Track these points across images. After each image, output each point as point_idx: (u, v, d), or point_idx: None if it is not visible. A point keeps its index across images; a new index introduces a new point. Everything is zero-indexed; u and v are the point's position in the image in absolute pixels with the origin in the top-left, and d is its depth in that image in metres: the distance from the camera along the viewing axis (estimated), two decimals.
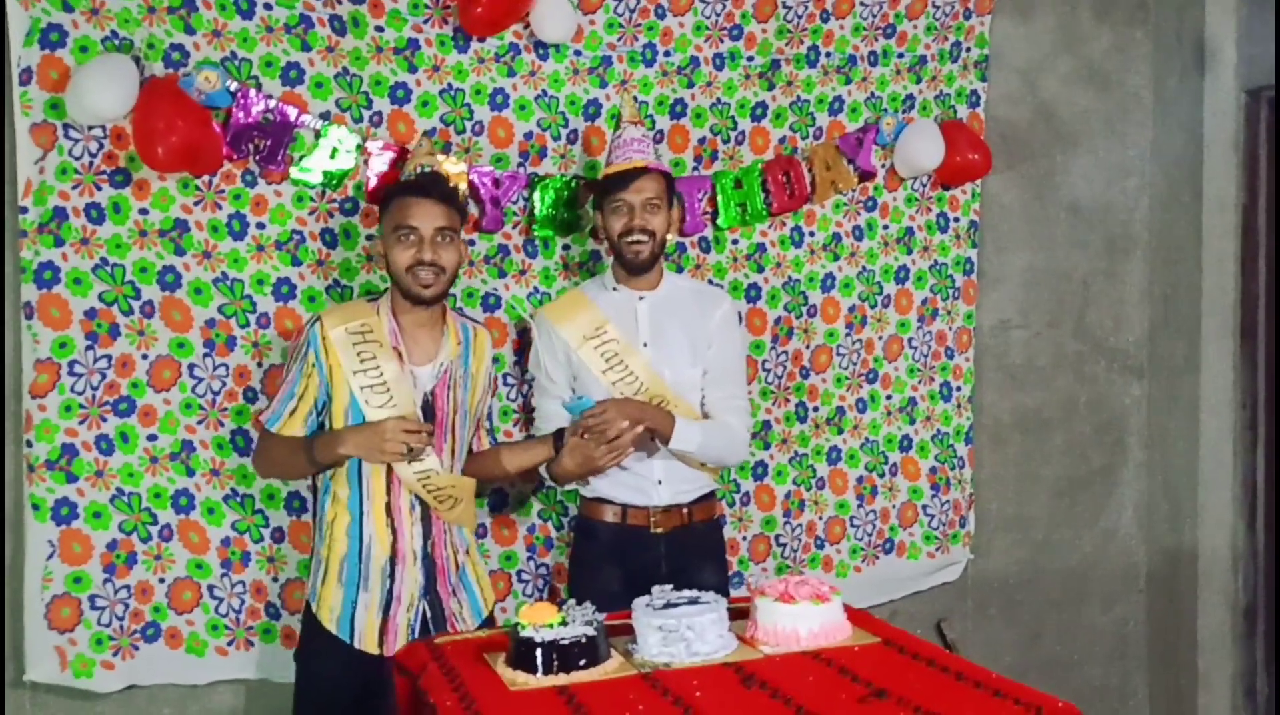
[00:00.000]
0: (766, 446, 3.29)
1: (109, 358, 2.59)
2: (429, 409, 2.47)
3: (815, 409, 3.33)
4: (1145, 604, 3.81)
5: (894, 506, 3.42)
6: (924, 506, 3.47)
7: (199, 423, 2.69)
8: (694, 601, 2.11)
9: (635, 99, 3.01)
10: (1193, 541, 3.64)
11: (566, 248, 3.05)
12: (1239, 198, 3.60)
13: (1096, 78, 3.69)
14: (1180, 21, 3.64)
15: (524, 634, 1.99)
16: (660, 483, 2.71)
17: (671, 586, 2.18)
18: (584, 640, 1.98)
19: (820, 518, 3.33)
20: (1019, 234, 3.64)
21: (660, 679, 1.92)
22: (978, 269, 3.53)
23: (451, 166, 2.83)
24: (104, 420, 2.60)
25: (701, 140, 3.16)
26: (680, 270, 3.11)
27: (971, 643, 3.48)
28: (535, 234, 2.97)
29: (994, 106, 3.54)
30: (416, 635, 2.44)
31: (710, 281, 3.18)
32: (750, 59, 3.18)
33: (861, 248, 3.37)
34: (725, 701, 1.83)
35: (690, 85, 3.12)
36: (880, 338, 3.41)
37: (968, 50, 3.43)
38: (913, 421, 3.44)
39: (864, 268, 3.38)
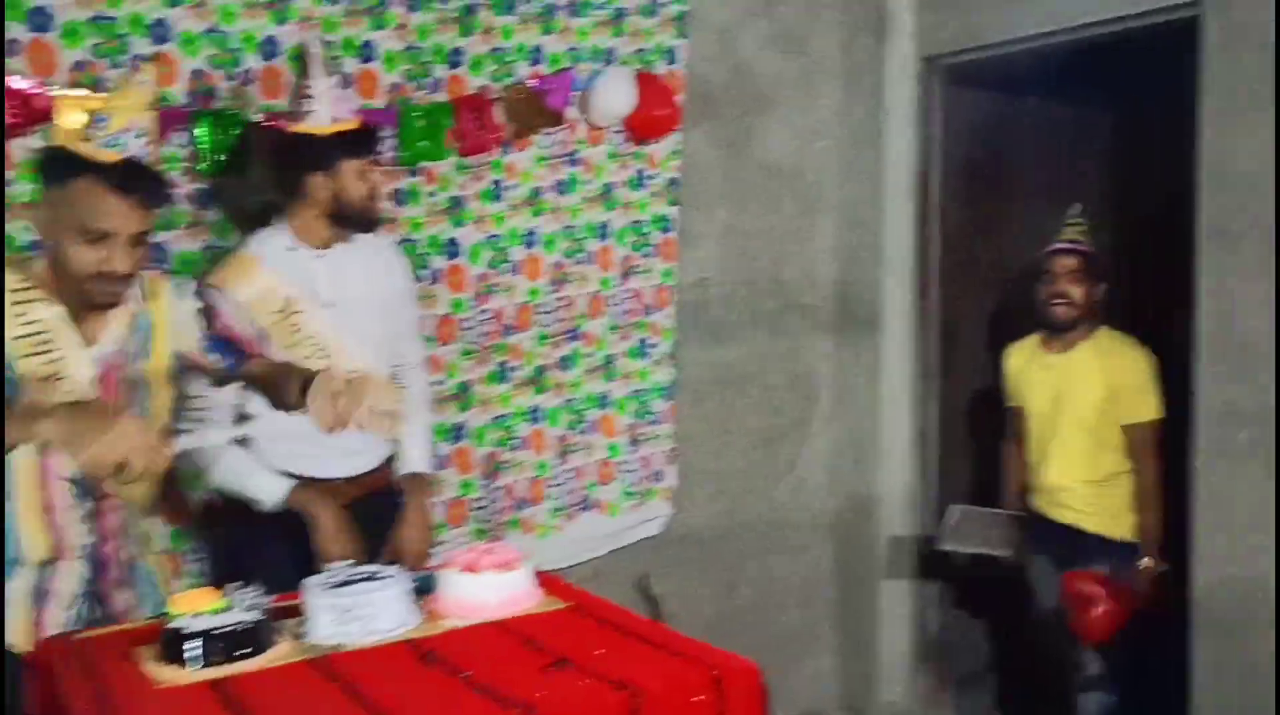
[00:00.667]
0: (466, 408, 3.19)
1: None
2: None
3: (516, 369, 3.26)
4: (833, 550, 4.00)
5: (593, 463, 3.42)
6: (622, 463, 3.48)
7: None
8: (373, 577, 2.00)
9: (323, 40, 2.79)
10: (874, 489, 3.86)
11: (239, 196, 2.81)
12: (915, 162, 3.80)
13: (790, 40, 3.78)
14: None
15: (174, 624, 1.81)
16: (348, 452, 2.55)
17: (351, 561, 2.06)
18: (244, 627, 1.82)
19: (520, 479, 3.27)
20: (717, 192, 3.68)
21: (331, 663, 1.80)
22: (679, 227, 3.55)
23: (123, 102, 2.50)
24: None
25: (393, 86, 2.98)
26: None
27: (673, 597, 3.54)
28: (203, 179, 2.71)
29: (693, 65, 3.54)
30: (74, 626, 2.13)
31: (407, 237, 3.04)
32: (444, 2, 3.03)
33: (564, 203, 3.31)
34: (399, 681, 1.74)
35: (380, 27, 2.94)
36: (583, 294, 3.38)
37: (665, 6, 3.42)
38: (611, 379, 3.44)
39: (566, 224, 3.32)
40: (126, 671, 1.78)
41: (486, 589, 2.02)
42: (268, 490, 2.46)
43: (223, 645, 1.77)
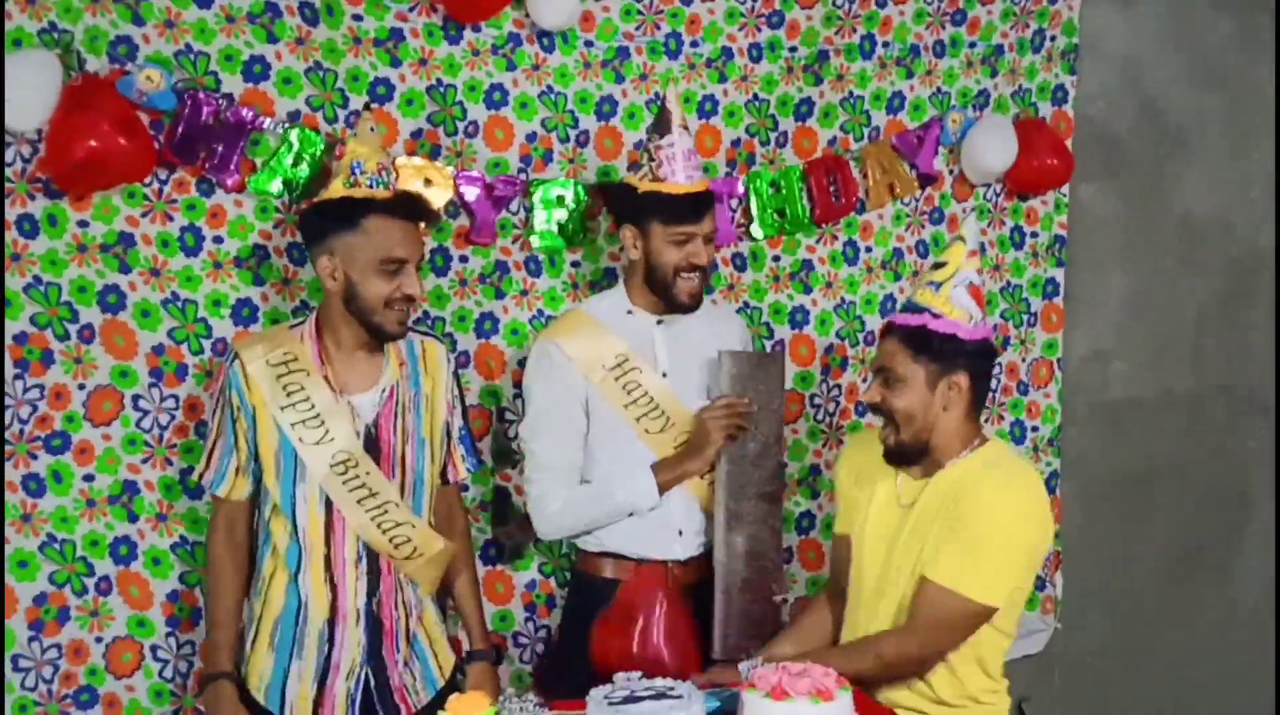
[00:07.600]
0: (814, 496, 2.85)
1: (41, 388, 2.30)
2: (372, 442, 2.12)
3: None
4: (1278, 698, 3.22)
5: None
6: None
7: (143, 461, 2.38)
8: (663, 695, 1.70)
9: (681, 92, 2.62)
10: None
11: (576, 264, 2.67)
12: None
13: (1213, 73, 3.19)
14: None
15: None
16: (681, 533, 2.35)
17: (641, 675, 1.78)
18: None
19: None
20: (1118, 252, 3.15)
21: None
22: (1065, 292, 3.04)
23: (433, 172, 2.49)
24: (34, 457, 2.31)
25: (735, 142, 2.76)
26: (711, 289, 2.70)
27: None
28: (537, 248, 2.61)
29: (1087, 104, 3.06)
30: (358, 708, 2.12)
31: (746, 303, 2.79)
32: (793, 50, 2.77)
33: (927, 265, 2.92)
34: None
35: (722, 79, 2.73)
36: None
37: (1053, 39, 2.97)
38: None
39: None
40: None
41: None
42: (643, 491, 2.29)
43: None
